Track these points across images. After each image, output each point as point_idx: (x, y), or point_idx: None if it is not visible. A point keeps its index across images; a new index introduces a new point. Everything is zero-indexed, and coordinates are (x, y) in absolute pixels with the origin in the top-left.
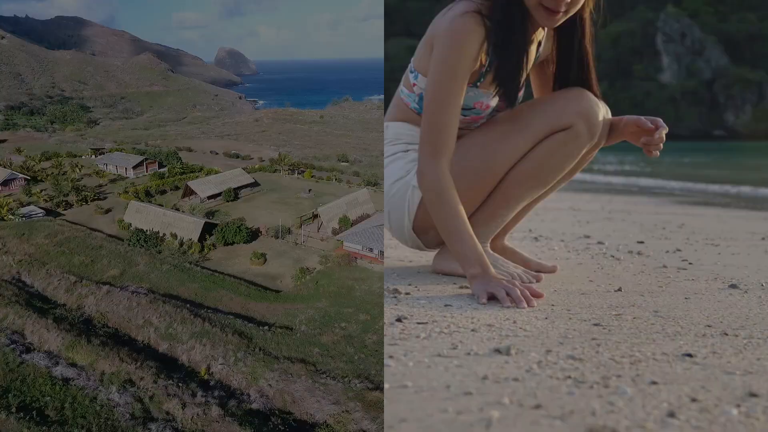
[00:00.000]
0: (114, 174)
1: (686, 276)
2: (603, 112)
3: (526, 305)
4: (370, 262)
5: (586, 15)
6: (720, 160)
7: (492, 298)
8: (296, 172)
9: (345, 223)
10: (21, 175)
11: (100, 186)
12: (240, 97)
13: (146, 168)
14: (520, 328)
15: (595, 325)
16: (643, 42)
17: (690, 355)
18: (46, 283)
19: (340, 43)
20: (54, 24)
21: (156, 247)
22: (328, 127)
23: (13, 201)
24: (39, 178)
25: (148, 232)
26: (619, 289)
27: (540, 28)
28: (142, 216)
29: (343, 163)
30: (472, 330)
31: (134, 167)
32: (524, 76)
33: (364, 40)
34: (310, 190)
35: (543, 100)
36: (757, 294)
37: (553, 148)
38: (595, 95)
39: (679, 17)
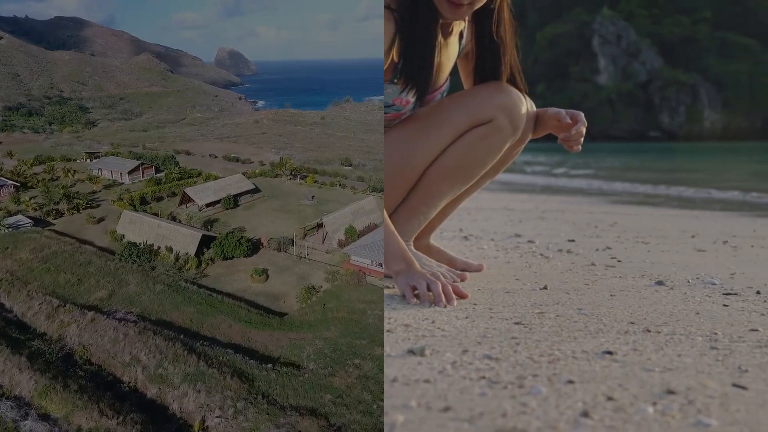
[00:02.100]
0: (108, 179)
1: (614, 273)
2: (526, 105)
3: (444, 304)
4: (381, 279)
5: (499, 4)
6: (655, 161)
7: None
8: (298, 177)
9: (351, 234)
10: (10, 182)
11: (94, 192)
12: (240, 98)
13: (142, 173)
14: (438, 327)
15: (517, 323)
16: (579, 44)
17: (610, 353)
18: (26, 307)
19: (340, 43)
20: (53, 24)
21: (149, 262)
22: (330, 129)
23: (0, 210)
24: (30, 184)
25: (141, 246)
26: (545, 287)
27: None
28: (136, 227)
29: (347, 167)
30: (387, 330)
31: (129, 172)
32: (433, 69)
33: (364, 40)
34: (313, 197)
35: (464, 93)
36: (682, 290)
37: (474, 142)
38: (518, 88)
39: (615, 20)
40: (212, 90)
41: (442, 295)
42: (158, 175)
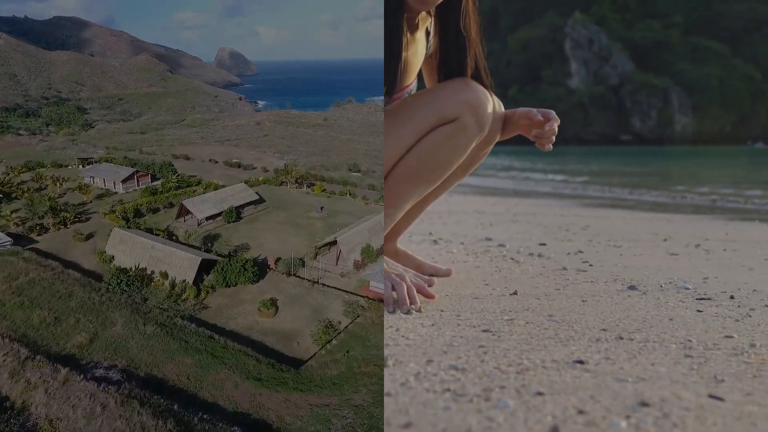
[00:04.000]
0: (101, 188)
1: (585, 278)
2: (492, 103)
3: (408, 308)
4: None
5: None
6: (626, 164)
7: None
8: (305, 185)
9: (369, 254)
10: None
11: (84, 204)
12: (240, 98)
13: (137, 181)
14: (402, 336)
15: (485, 331)
16: (552, 47)
17: (581, 362)
18: None
19: (340, 43)
20: (52, 24)
21: (141, 291)
22: (333, 131)
23: None
24: (14, 195)
25: (131, 272)
26: (515, 293)
27: (426, 15)
28: (127, 248)
29: (355, 174)
30: None
31: (123, 181)
32: (400, 62)
33: (365, 40)
34: (322, 208)
35: (428, 90)
36: (655, 295)
37: (438, 141)
38: (483, 84)
39: (587, 24)
40: (212, 90)
41: (407, 298)
42: (154, 183)
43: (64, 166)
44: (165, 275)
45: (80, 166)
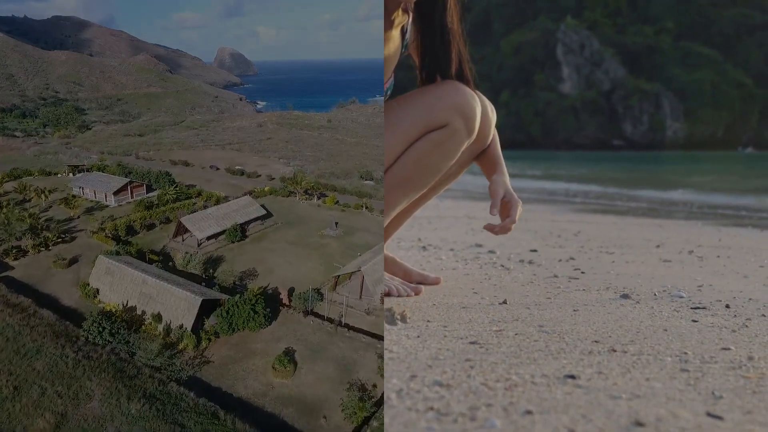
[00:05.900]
0: (91, 200)
1: (577, 286)
2: (479, 104)
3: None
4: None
5: None
6: (618, 169)
7: None
8: (315, 196)
9: None
10: None
11: (70, 219)
12: (240, 99)
13: (131, 193)
14: (386, 348)
15: (472, 343)
16: (543, 52)
17: (573, 377)
18: None
19: (340, 43)
20: (51, 24)
21: (127, 343)
22: (339, 134)
23: None
24: None
25: (117, 313)
26: (504, 302)
27: (403, 13)
28: (114, 281)
29: (368, 182)
30: None
31: (115, 192)
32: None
33: (365, 40)
34: (337, 224)
35: (413, 95)
36: (649, 305)
37: (428, 148)
38: (467, 79)
39: (579, 29)
40: (212, 90)
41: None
42: (150, 195)
43: (54, 174)
44: (158, 318)
45: (70, 174)
